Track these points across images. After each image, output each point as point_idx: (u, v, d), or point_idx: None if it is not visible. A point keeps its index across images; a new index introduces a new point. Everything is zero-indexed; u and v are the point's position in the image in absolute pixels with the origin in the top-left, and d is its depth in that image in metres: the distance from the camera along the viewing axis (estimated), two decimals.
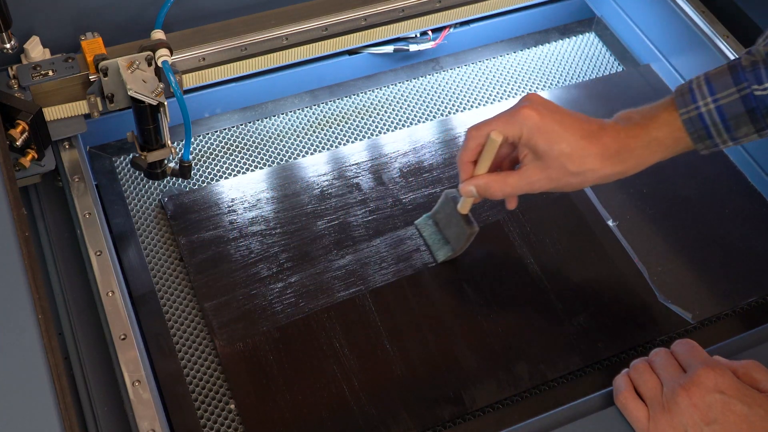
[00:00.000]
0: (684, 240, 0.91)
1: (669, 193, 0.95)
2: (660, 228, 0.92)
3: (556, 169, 0.74)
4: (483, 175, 0.78)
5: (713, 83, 0.72)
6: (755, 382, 0.63)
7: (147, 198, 0.93)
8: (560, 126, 0.73)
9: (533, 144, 0.73)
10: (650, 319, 0.85)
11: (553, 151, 0.73)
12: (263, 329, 0.82)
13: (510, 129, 0.74)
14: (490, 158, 0.77)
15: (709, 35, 1.00)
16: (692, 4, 1.02)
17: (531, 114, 0.73)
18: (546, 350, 0.82)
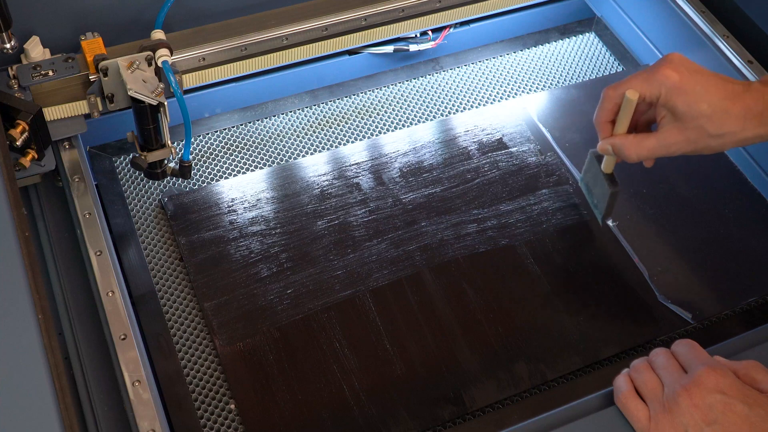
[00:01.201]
0: (684, 240, 0.91)
1: (669, 193, 0.95)
2: (660, 228, 0.92)
3: (695, 131, 0.72)
4: (620, 136, 0.76)
5: None
6: (756, 383, 0.63)
7: (147, 198, 0.93)
8: (701, 86, 0.71)
9: (672, 104, 0.72)
10: (650, 319, 0.85)
11: (692, 111, 0.71)
12: (263, 329, 0.82)
13: (648, 88, 0.72)
14: (628, 118, 0.75)
15: (709, 35, 1.00)
16: (692, 4, 1.02)
17: (671, 74, 0.72)
18: (546, 350, 0.82)
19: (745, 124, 0.72)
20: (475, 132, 1.00)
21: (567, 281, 0.87)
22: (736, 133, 0.72)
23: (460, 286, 0.86)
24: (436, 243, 0.89)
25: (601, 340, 0.83)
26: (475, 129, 1.00)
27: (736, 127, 0.72)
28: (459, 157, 0.97)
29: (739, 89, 0.72)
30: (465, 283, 0.86)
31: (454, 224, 0.91)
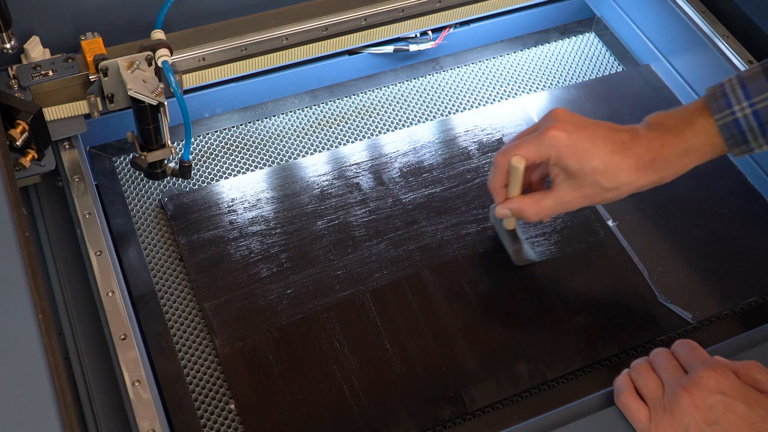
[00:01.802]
0: (684, 240, 0.91)
1: (669, 193, 0.95)
2: (660, 228, 0.92)
3: (591, 187, 0.73)
4: (516, 199, 0.77)
5: (748, 86, 0.71)
6: (756, 383, 0.63)
7: (147, 198, 0.93)
8: (590, 142, 0.71)
9: (564, 164, 0.72)
10: (650, 319, 0.85)
11: (585, 169, 0.72)
12: (263, 329, 0.82)
13: (537, 152, 0.73)
14: (519, 183, 0.76)
15: (709, 35, 1.00)
16: (692, 4, 1.02)
17: (558, 135, 0.72)
18: (546, 350, 0.82)
19: (638, 174, 0.72)
20: (475, 132, 1.00)
21: (567, 281, 0.87)
22: (631, 183, 0.73)
23: (460, 286, 0.86)
24: (436, 243, 0.89)
25: (601, 340, 0.83)
26: (475, 129, 1.00)
27: (630, 177, 0.72)
28: (459, 157, 0.97)
29: (627, 138, 0.72)
30: (465, 283, 0.86)
31: (454, 224, 0.91)
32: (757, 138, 0.71)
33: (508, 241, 0.86)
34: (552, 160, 0.73)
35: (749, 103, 0.70)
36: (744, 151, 0.73)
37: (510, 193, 0.78)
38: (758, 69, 0.72)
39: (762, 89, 0.70)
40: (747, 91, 0.71)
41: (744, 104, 0.71)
